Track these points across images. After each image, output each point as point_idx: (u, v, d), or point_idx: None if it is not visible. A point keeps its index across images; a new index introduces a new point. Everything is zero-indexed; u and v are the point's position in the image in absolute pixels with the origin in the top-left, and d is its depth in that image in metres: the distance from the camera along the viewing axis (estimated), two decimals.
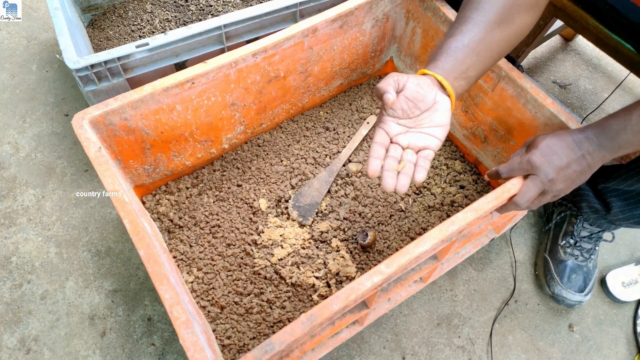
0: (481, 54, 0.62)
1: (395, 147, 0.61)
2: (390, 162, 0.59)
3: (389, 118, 0.61)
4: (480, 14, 0.62)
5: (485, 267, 1.02)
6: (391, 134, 0.61)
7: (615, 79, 1.38)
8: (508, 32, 0.64)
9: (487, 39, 0.62)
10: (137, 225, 0.63)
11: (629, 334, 0.97)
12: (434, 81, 0.61)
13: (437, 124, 0.61)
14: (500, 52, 0.65)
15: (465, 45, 0.61)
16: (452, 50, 0.61)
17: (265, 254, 0.89)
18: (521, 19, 0.64)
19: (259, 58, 0.84)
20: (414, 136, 0.61)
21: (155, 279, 0.60)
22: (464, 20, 0.63)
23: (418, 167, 0.59)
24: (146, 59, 0.89)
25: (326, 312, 0.59)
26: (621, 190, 0.84)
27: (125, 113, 0.75)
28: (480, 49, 0.62)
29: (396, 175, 0.58)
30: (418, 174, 0.59)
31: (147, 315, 0.92)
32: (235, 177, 0.98)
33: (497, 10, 0.62)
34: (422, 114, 0.60)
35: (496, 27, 0.62)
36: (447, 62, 0.61)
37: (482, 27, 0.62)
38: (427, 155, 0.60)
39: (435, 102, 0.60)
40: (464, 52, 0.61)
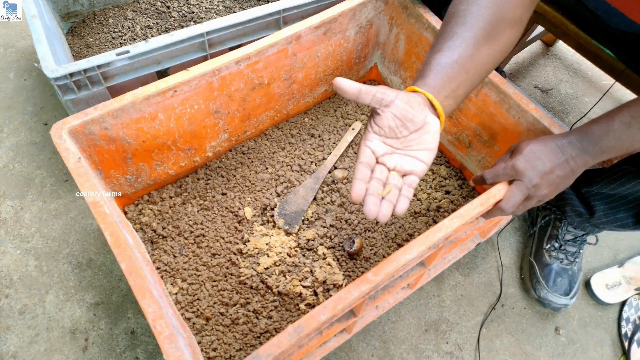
0: (470, 71, 0.60)
1: (381, 168, 0.55)
2: (375, 185, 0.54)
3: (375, 136, 0.56)
4: (467, 29, 0.60)
5: (472, 272, 1.02)
6: (377, 154, 0.56)
7: (595, 83, 1.41)
8: (495, 49, 0.62)
9: (476, 55, 0.60)
10: (119, 237, 0.62)
11: (614, 336, 0.98)
12: (424, 100, 0.57)
13: (425, 146, 0.56)
14: (488, 70, 0.63)
15: (454, 61, 0.58)
16: (441, 67, 0.58)
17: (251, 263, 0.88)
18: (506, 35, 0.63)
19: (243, 65, 0.83)
20: (401, 159, 0.56)
21: (138, 292, 0.58)
22: (451, 35, 0.60)
23: (401, 197, 0.54)
24: (127, 66, 0.88)
25: (314, 322, 0.58)
26: (604, 194, 0.85)
27: (105, 122, 0.74)
28: (469, 66, 0.59)
29: (380, 201, 0.53)
30: (400, 204, 0.54)
31: (131, 328, 0.90)
32: (219, 185, 0.96)
33: (484, 26, 0.60)
34: (410, 134, 0.55)
35: (484, 43, 0.60)
36: (437, 80, 0.58)
37: (470, 43, 0.59)
38: (412, 183, 0.55)
39: (425, 123, 0.56)
40: (453, 69, 0.58)
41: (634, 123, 0.61)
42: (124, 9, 1.20)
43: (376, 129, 0.55)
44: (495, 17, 0.60)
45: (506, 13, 0.61)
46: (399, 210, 0.53)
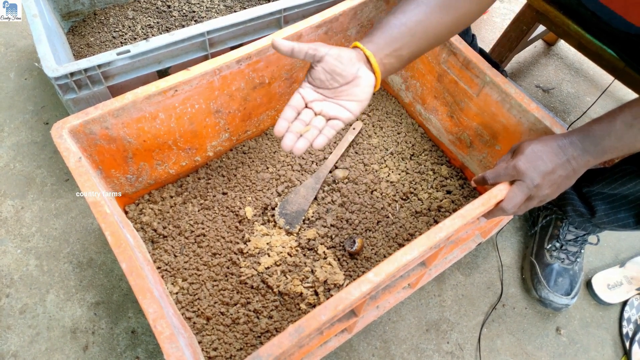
0: (417, 35, 0.63)
1: (307, 111, 0.62)
2: (296, 124, 0.61)
3: (308, 85, 0.62)
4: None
5: (473, 272, 1.02)
6: (307, 99, 0.62)
7: (597, 82, 1.40)
8: (449, 18, 0.64)
9: (425, 21, 0.63)
10: (119, 237, 0.61)
11: (615, 336, 0.98)
12: (361, 56, 0.61)
13: (354, 98, 0.62)
14: (438, 37, 0.65)
15: (402, 23, 0.62)
16: (388, 27, 0.62)
17: (251, 263, 0.88)
18: (465, 7, 0.64)
19: (244, 65, 0.83)
20: (328, 105, 0.62)
21: (138, 292, 0.58)
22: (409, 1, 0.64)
23: (321, 134, 0.61)
24: (128, 66, 0.87)
25: (314, 322, 0.58)
26: (605, 194, 0.84)
27: (106, 122, 0.73)
28: (417, 29, 0.63)
29: (297, 138, 0.60)
30: (318, 139, 0.60)
31: (131, 327, 0.90)
32: (220, 185, 0.96)
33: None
34: (341, 86, 0.61)
35: (438, 10, 0.63)
36: (381, 38, 0.62)
37: (423, 9, 0.62)
38: (335, 125, 0.61)
39: (355, 77, 0.61)
40: (399, 31, 0.62)
41: (636, 123, 0.61)
42: (124, 8, 1.20)
43: (310, 79, 0.62)
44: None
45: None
46: (317, 143, 0.60)
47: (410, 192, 0.99)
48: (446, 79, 0.94)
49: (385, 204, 0.97)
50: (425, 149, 1.06)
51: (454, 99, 0.95)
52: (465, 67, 0.88)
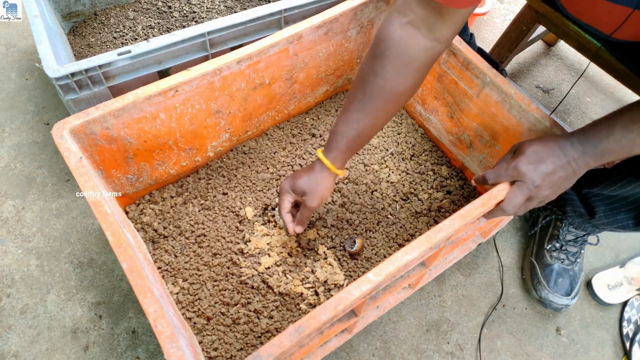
0: (370, 135, 0.73)
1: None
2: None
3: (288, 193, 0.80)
4: (370, 101, 0.69)
5: (473, 272, 1.02)
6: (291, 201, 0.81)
7: (597, 83, 1.41)
8: (393, 111, 0.72)
9: (374, 123, 0.71)
10: (120, 237, 0.62)
11: (615, 336, 0.98)
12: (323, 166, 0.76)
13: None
14: (383, 126, 0.77)
15: (358, 134, 0.72)
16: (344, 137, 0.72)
17: (252, 263, 0.88)
18: (406, 98, 0.71)
19: (244, 65, 0.83)
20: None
21: (139, 292, 0.58)
22: (356, 107, 0.70)
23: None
24: (128, 66, 0.88)
25: (314, 322, 0.58)
26: (605, 195, 0.85)
27: (106, 122, 0.74)
28: (369, 132, 0.72)
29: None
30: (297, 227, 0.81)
31: (132, 327, 0.90)
32: (220, 185, 0.96)
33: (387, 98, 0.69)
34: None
35: (384, 112, 0.70)
36: (339, 150, 0.73)
37: (371, 116, 0.70)
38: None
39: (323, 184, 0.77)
40: (355, 142, 0.73)
41: (635, 127, 0.61)
42: (125, 8, 1.20)
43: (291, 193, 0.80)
44: (399, 88, 0.68)
45: (409, 82, 0.68)
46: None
47: (410, 193, 0.99)
48: (446, 79, 0.94)
49: (386, 204, 0.97)
50: (425, 150, 1.06)
51: (454, 99, 0.95)
52: (465, 68, 0.88)
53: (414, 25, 0.63)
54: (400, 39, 0.64)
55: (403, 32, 0.64)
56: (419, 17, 0.62)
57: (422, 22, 0.63)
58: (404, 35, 0.64)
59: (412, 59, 0.65)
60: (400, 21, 0.64)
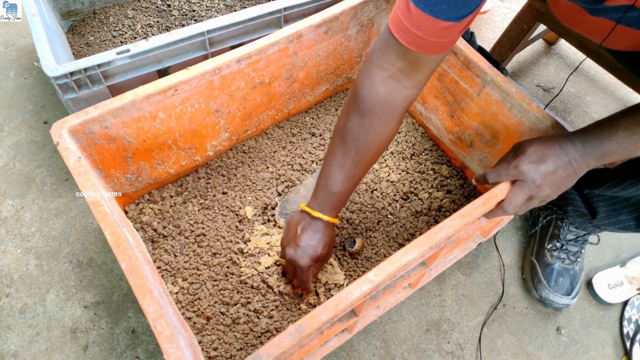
0: (356, 184, 0.77)
1: None
2: None
3: None
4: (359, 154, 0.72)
5: (473, 272, 1.01)
6: None
7: (597, 82, 1.40)
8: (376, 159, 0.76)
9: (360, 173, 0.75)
10: (119, 237, 0.61)
11: (615, 336, 0.97)
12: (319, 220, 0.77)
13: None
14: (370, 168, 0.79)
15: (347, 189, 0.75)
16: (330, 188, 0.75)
17: (252, 263, 0.88)
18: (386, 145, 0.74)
19: (244, 64, 0.83)
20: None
21: (138, 292, 0.58)
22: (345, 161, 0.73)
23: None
24: (127, 65, 0.87)
25: (315, 322, 0.57)
26: (607, 196, 0.84)
27: (105, 121, 0.73)
28: (355, 180, 0.76)
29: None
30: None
31: (131, 327, 0.89)
32: (220, 184, 0.96)
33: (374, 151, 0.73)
34: None
35: (369, 162, 0.74)
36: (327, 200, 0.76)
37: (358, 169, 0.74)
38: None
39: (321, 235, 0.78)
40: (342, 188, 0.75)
41: (638, 130, 0.61)
42: (124, 7, 1.20)
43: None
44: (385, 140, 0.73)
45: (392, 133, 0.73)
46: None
47: (410, 192, 0.99)
48: (447, 78, 0.94)
49: (386, 203, 0.97)
50: (425, 149, 1.05)
51: (455, 98, 0.94)
52: (465, 67, 0.88)
53: (396, 79, 0.67)
54: (385, 94, 0.68)
55: (386, 87, 0.67)
56: (399, 69, 0.66)
57: (402, 73, 0.66)
58: (387, 90, 0.68)
59: (396, 110, 0.70)
60: (382, 76, 0.67)
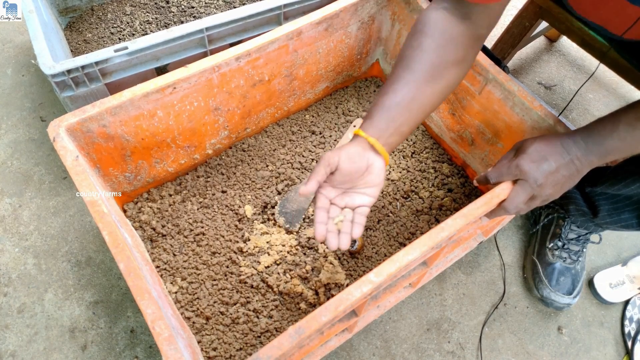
0: (413, 110, 0.66)
1: (334, 209, 0.67)
2: (331, 224, 0.66)
3: (328, 185, 0.67)
4: (410, 73, 0.65)
5: (474, 271, 1.01)
6: (330, 197, 0.67)
7: (599, 79, 1.39)
8: (438, 88, 0.67)
9: (418, 96, 0.65)
10: (117, 237, 0.61)
11: (617, 335, 0.97)
12: (366, 144, 0.65)
13: (371, 184, 0.66)
14: (432, 106, 0.68)
15: (397, 103, 0.65)
16: (386, 109, 0.65)
17: (251, 262, 0.87)
18: (450, 74, 0.67)
19: (243, 62, 0.82)
20: (350, 197, 0.67)
21: (136, 293, 0.57)
22: (397, 78, 0.66)
23: (354, 224, 0.66)
24: (125, 63, 0.86)
25: (315, 323, 0.57)
26: (609, 194, 0.84)
27: (103, 120, 0.73)
28: (412, 106, 0.65)
29: (337, 235, 0.65)
30: (354, 230, 0.65)
31: (130, 327, 0.89)
32: (219, 183, 0.95)
33: (427, 69, 0.65)
34: (356, 179, 0.66)
35: (426, 84, 0.65)
36: (381, 121, 0.65)
37: (412, 86, 0.65)
38: (363, 212, 0.66)
39: (368, 165, 0.65)
40: (397, 111, 0.65)
41: (639, 125, 0.60)
42: (122, 3, 1.18)
43: (329, 182, 0.66)
44: (438, 60, 0.65)
45: (449, 56, 0.66)
46: (355, 234, 0.65)
47: (411, 191, 0.98)
48: None
49: (386, 202, 0.96)
50: (426, 147, 1.05)
51: (456, 96, 0.94)
52: None
53: (448, 11, 0.66)
54: (436, 19, 0.66)
55: (438, 14, 0.66)
56: (451, 6, 0.65)
57: (455, 10, 0.65)
58: (439, 16, 0.66)
59: (449, 37, 0.66)
60: (436, 7, 0.66)
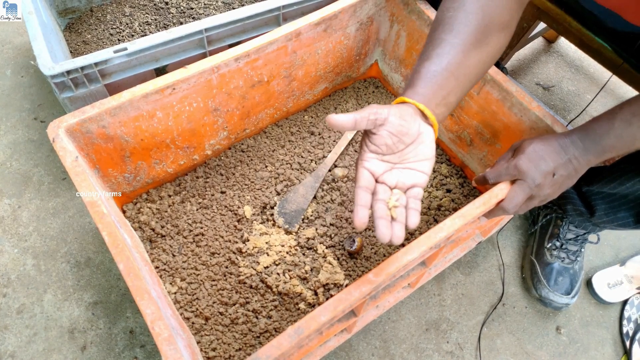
0: (460, 78, 0.59)
1: (384, 188, 0.54)
2: (381, 207, 0.52)
3: (372, 155, 0.55)
4: (455, 36, 0.59)
5: (473, 271, 1.01)
6: (376, 174, 0.54)
7: (597, 80, 1.40)
8: (484, 54, 0.61)
9: (465, 62, 0.59)
10: (116, 238, 0.61)
11: (615, 335, 0.97)
12: (415, 110, 0.55)
13: (423, 157, 0.55)
14: (478, 75, 0.62)
15: (444, 69, 0.57)
16: (431, 75, 0.57)
17: (250, 262, 0.87)
18: (495, 40, 0.61)
19: (242, 63, 0.82)
20: (401, 173, 0.55)
21: (136, 293, 0.57)
22: (439, 42, 0.59)
23: (410, 210, 0.53)
24: (125, 64, 0.87)
25: (314, 324, 0.57)
26: (605, 193, 0.84)
27: (103, 120, 0.73)
28: (459, 73, 0.58)
29: (390, 223, 0.51)
30: (411, 218, 0.52)
31: (129, 327, 0.89)
32: (218, 183, 0.96)
33: (472, 32, 0.59)
34: (406, 147, 0.55)
35: (472, 49, 0.59)
36: (427, 88, 0.57)
37: (459, 50, 0.58)
38: (417, 195, 0.54)
39: (419, 133, 0.55)
40: (443, 77, 0.57)
41: (635, 121, 0.60)
42: (122, 4, 1.19)
43: (373, 148, 0.54)
44: (483, 22, 0.59)
45: (494, 18, 0.60)
46: (412, 224, 0.52)
47: None
48: None
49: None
50: None
51: None
52: None
53: None
54: None
55: None
56: None
57: None
58: None
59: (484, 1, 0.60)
60: None
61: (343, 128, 0.52)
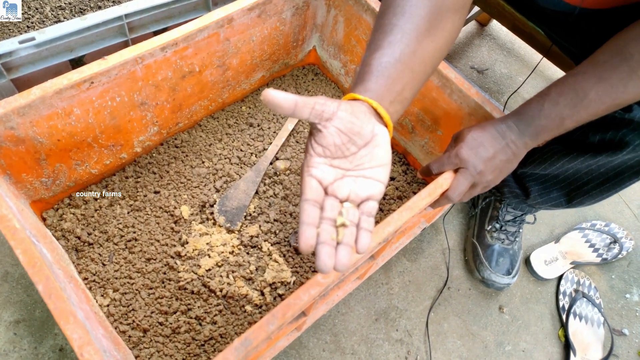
0: (415, 69, 0.52)
1: (332, 202, 0.45)
2: (326, 229, 0.43)
3: (319, 159, 0.46)
4: (407, 20, 0.52)
5: (419, 257, 1.02)
6: (325, 182, 0.46)
7: (528, 62, 1.44)
8: (440, 40, 0.55)
9: (419, 50, 0.52)
10: (33, 255, 0.54)
11: (552, 310, 1.02)
12: (369, 108, 0.48)
13: (379, 162, 0.47)
14: (434, 65, 0.56)
15: (397, 60, 0.51)
16: (382, 67, 0.51)
17: (191, 266, 0.82)
18: (450, 23, 0.56)
19: (169, 52, 0.75)
20: (354, 182, 0.47)
21: (60, 317, 0.51)
22: (390, 28, 0.52)
23: (361, 230, 0.44)
24: (34, 55, 0.77)
25: (262, 333, 0.54)
26: (537, 174, 0.86)
27: (10, 121, 0.64)
28: (414, 63, 0.52)
29: (334, 249, 0.43)
30: (362, 240, 0.44)
31: (58, 345, 0.81)
32: (151, 183, 0.89)
33: (426, 15, 0.53)
34: (359, 150, 0.47)
35: (427, 35, 0.53)
36: (379, 83, 0.50)
37: (412, 36, 0.52)
38: (371, 211, 0.46)
39: (374, 135, 0.47)
40: (396, 69, 0.51)
41: (561, 100, 0.61)
42: None
43: (319, 150, 0.47)
44: (437, 3, 0.54)
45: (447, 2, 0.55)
46: (361, 247, 0.44)
47: None
48: None
49: None
50: None
51: None
52: None
53: None
54: None
55: None
56: None
57: None
58: None
59: None
60: None
61: (280, 108, 0.43)
